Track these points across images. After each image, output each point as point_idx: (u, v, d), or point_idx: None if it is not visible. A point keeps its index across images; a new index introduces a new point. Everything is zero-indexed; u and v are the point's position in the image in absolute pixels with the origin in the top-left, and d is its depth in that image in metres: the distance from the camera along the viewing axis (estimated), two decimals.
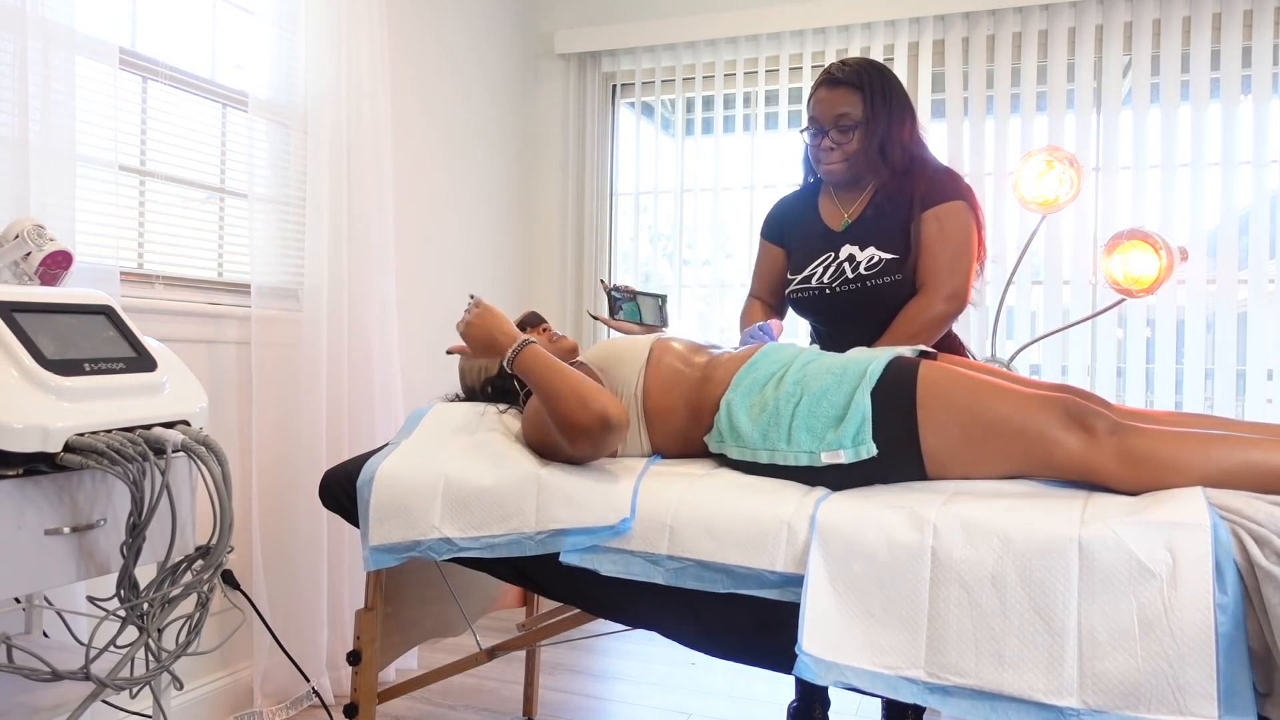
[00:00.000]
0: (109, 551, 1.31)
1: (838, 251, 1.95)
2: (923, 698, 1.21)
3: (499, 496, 1.53)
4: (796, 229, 2.06)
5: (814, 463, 1.45)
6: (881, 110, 1.90)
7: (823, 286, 1.95)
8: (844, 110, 1.90)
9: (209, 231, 2.29)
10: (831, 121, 1.91)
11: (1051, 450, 1.36)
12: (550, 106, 3.62)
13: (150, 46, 2.11)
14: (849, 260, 1.93)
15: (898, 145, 1.91)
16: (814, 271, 1.96)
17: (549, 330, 1.92)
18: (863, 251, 1.92)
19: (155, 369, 1.35)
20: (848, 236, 1.95)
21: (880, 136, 1.90)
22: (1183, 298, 2.81)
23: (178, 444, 1.27)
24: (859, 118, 1.90)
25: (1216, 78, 2.81)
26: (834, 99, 1.91)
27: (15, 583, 1.19)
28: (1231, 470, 1.29)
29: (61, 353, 1.23)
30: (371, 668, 1.75)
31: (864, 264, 1.91)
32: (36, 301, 1.26)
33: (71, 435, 1.18)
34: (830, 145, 1.92)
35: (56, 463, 1.19)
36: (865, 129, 1.90)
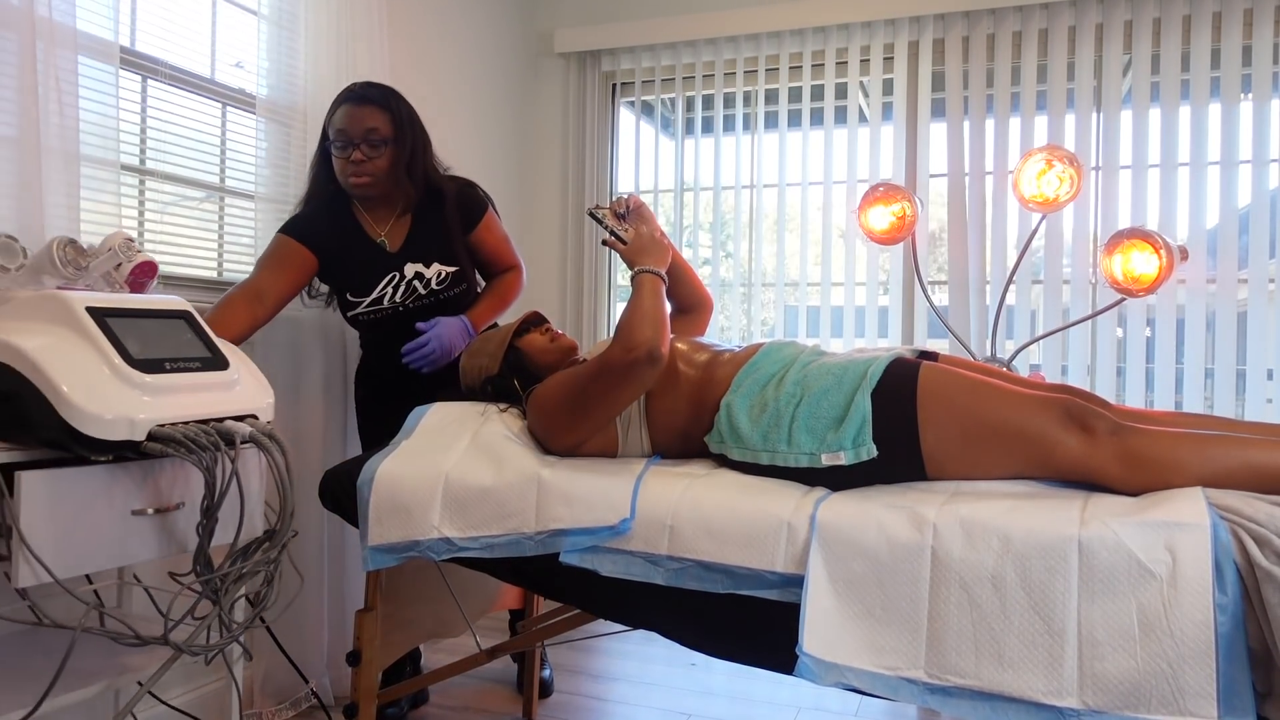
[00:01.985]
0: (186, 531, 1.46)
1: (402, 271, 2.07)
2: (923, 698, 1.21)
3: (499, 496, 1.53)
4: (344, 248, 2.07)
5: (814, 464, 1.45)
6: (407, 131, 2.01)
7: (396, 305, 2.08)
8: (373, 125, 1.97)
9: (209, 231, 2.28)
10: (361, 135, 1.97)
11: (1052, 451, 1.36)
12: (550, 106, 3.61)
13: (150, 46, 2.10)
14: (418, 278, 2.07)
15: (421, 166, 2.05)
16: (384, 293, 2.07)
17: (550, 330, 1.93)
18: (429, 268, 2.07)
19: (227, 368, 1.49)
20: (407, 256, 2.07)
21: (407, 156, 2.01)
22: (1183, 297, 2.81)
23: (245, 435, 1.39)
24: (388, 135, 1.99)
25: (1216, 77, 2.81)
26: (362, 114, 1.97)
27: (107, 557, 1.34)
28: (1231, 470, 1.29)
29: (145, 352, 1.38)
30: (371, 668, 1.75)
31: (434, 279, 2.07)
32: (125, 307, 1.41)
33: (154, 426, 1.32)
34: (361, 158, 1.98)
35: (141, 450, 1.32)
36: (394, 147, 2.00)
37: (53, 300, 1.35)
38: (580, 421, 1.58)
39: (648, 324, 1.51)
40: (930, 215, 3.08)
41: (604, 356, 1.53)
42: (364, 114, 1.97)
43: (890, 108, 3.14)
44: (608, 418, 1.59)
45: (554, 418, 1.61)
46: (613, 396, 1.54)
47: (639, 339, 1.50)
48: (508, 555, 1.52)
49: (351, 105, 1.98)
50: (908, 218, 2.55)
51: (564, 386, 1.61)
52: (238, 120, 2.34)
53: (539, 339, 1.91)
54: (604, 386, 1.54)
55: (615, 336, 1.53)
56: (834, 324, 3.16)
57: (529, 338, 1.91)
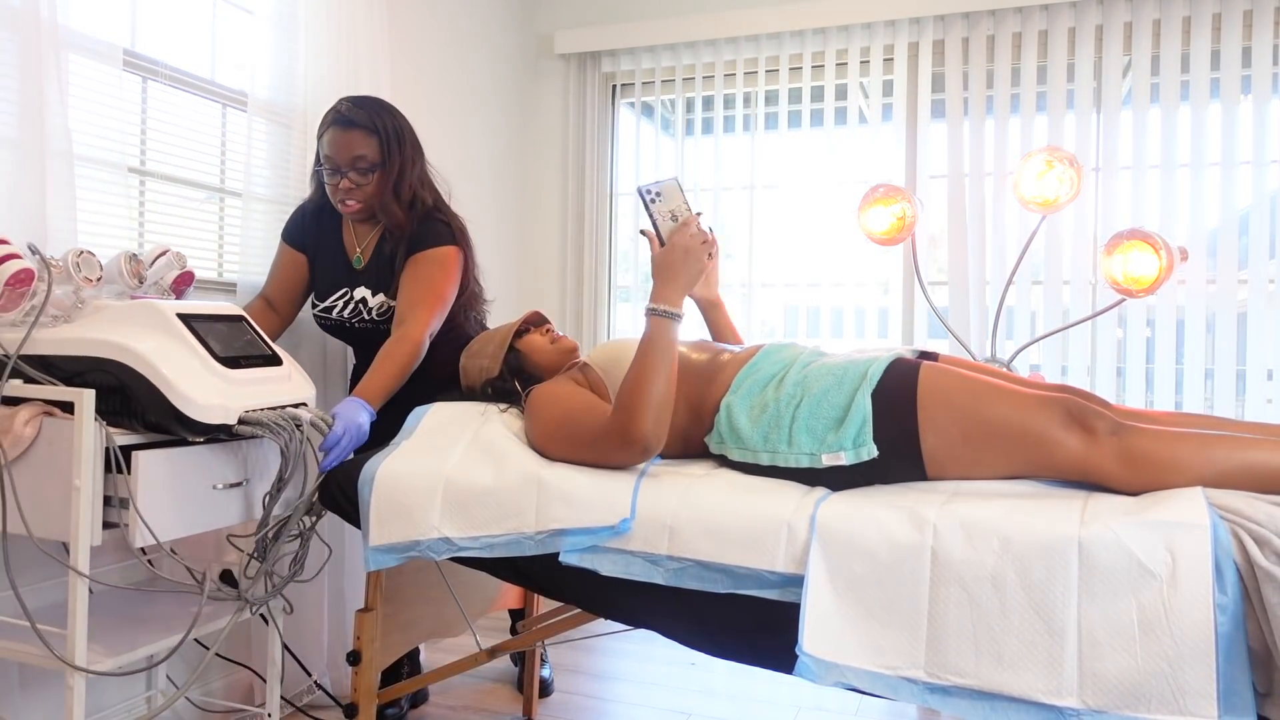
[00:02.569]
0: (254, 502, 1.72)
1: (353, 290, 2.07)
2: (923, 698, 1.21)
3: (499, 496, 1.53)
4: (321, 251, 2.12)
5: (815, 464, 1.45)
6: (396, 154, 1.97)
7: (343, 320, 2.11)
8: (361, 153, 1.94)
9: (209, 231, 2.28)
10: (349, 164, 1.95)
11: (1052, 451, 1.36)
12: (550, 106, 3.62)
13: (150, 46, 2.11)
14: (363, 302, 2.07)
15: (408, 188, 2.00)
16: (334, 304, 2.10)
17: (551, 331, 1.93)
18: (374, 297, 2.06)
19: (282, 364, 1.73)
20: (363, 278, 2.07)
21: (394, 179, 1.97)
22: (1183, 298, 2.81)
23: (309, 419, 1.65)
24: (375, 160, 1.96)
25: (1216, 78, 2.81)
26: (350, 141, 1.94)
27: (196, 523, 1.60)
28: (1231, 470, 1.29)
29: (225, 351, 1.62)
30: (371, 668, 1.76)
31: (375, 309, 2.07)
32: (202, 313, 1.65)
33: (243, 412, 1.57)
34: (350, 186, 1.96)
35: (233, 432, 1.56)
36: (382, 171, 1.97)
37: (148, 308, 1.59)
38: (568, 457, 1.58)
39: (650, 414, 1.47)
40: (930, 216, 3.09)
41: (604, 430, 1.51)
42: (351, 140, 1.94)
43: (890, 109, 3.14)
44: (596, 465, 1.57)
45: (544, 443, 1.61)
46: (601, 459, 1.53)
47: (638, 432, 1.47)
48: (508, 555, 1.52)
49: (338, 130, 1.95)
50: (907, 218, 2.55)
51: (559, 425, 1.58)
52: (238, 121, 2.34)
53: (539, 340, 1.90)
54: (595, 452, 1.53)
55: (617, 409, 1.50)
56: (834, 324, 3.16)
57: (529, 339, 1.90)
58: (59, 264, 1.59)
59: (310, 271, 2.15)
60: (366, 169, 1.96)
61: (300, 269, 2.14)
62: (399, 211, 1.99)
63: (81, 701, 1.47)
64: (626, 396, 1.49)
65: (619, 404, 1.50)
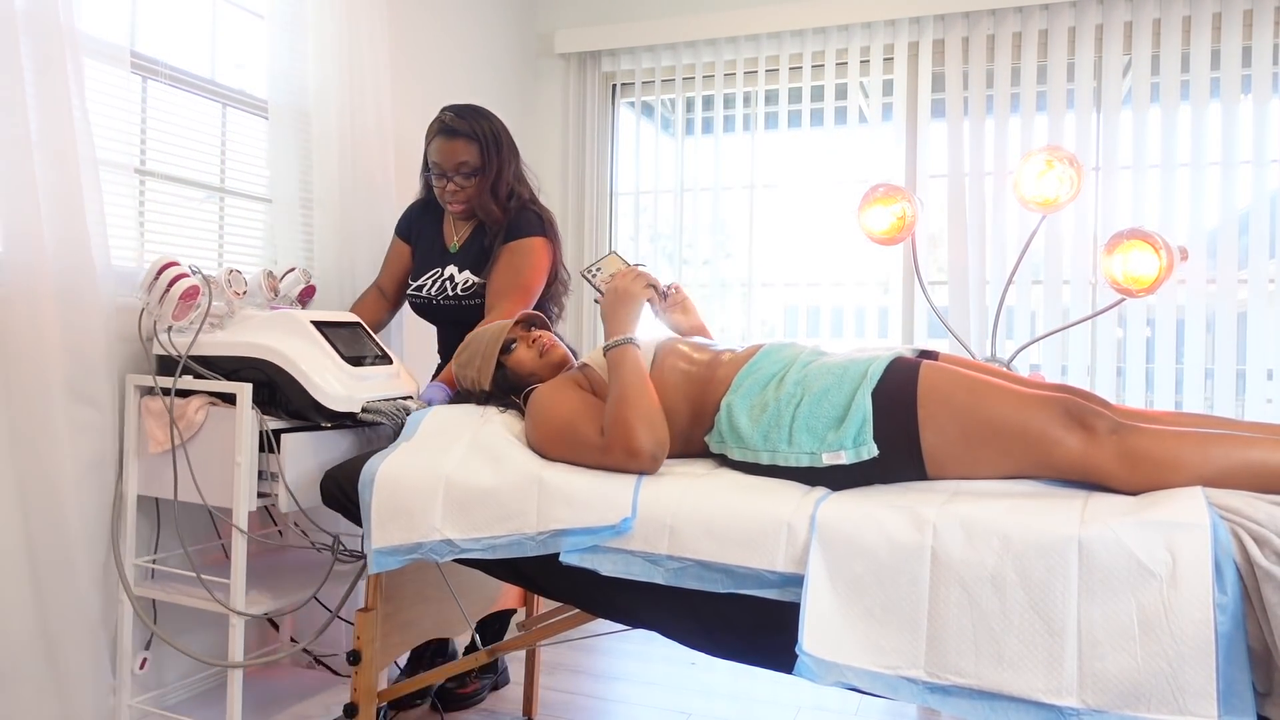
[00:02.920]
0: None
1: (444, 269, 2.27)
2: (923, 698, 1.21)
3: (500, 497, 1.53)
4: (422, 238, 2.35)
5: (815, 463, 1.45)
6: (494, 158, 2.19)
7: (430, 298, 2.29)
8: (464, 159, 2.16)
9: (209, 231, 2.29)
10: (454, 169, 2.17)
11: (1052, 449, 1.36)
12: (550, 106, 3.62)
13: (150, 46, 2.11)
14: (450, 280, 2.26)
15: (505, 185, 2.22)
16: (425, 283, 2.29)
17: (540, 340, 1.87)
18: (461, 274, 2.25)
19: (392, 362, 2.00)
20: (455, 258, 2.28)
21: (493, 180, 2.19)
22: (1183, 298, 2.81)
23: (413, 409, 1.86)
24: (477, 165, 2.18)
25: (1216, 77, 2.81)
26: (454, 148, 2.16)
27: None
28: (1231, 469, 1.29)
29: (348, 351, 1.90)
30: (371, 668, 1.76)
31: (460, 285, 2.25)
32: (329, 320, 1.95)
33: (364, 402, 1.84)
34: (455, 188, 2.19)
35: (357, 419, 1.84)
36: (482, 175, 2.19)
37: (289, 318, 1.88)
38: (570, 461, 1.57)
39: (643, 425, 1.50)
40: (930, 216, 3.09)
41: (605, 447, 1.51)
42: (455, 148, 2.16)
43: (890, 108, 3.14)
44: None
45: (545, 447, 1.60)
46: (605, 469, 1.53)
47: (637, 445, 1.49)
48: (509, 556, 1.52)
49: (443, 139, 2.16)
50: (907, 218, 2.55)
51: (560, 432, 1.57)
52: (238, 121, 2.34)
53: (526, 355, 1.85)
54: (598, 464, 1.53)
55: (611, 428, 1.51)
56: (834, 324, 3.16)
57: (516, 355, 1.85)
58: (216, 280, 1.91)
59: (411, 258, 2.37)
60: (469, 173, 2.18)
61: (405, 258, 2.37)
62: (496, 209, 2.20)
63: (241, 639, 1.79)
64: (617, 413, 1.51)
65: (612, 421, 1.51)
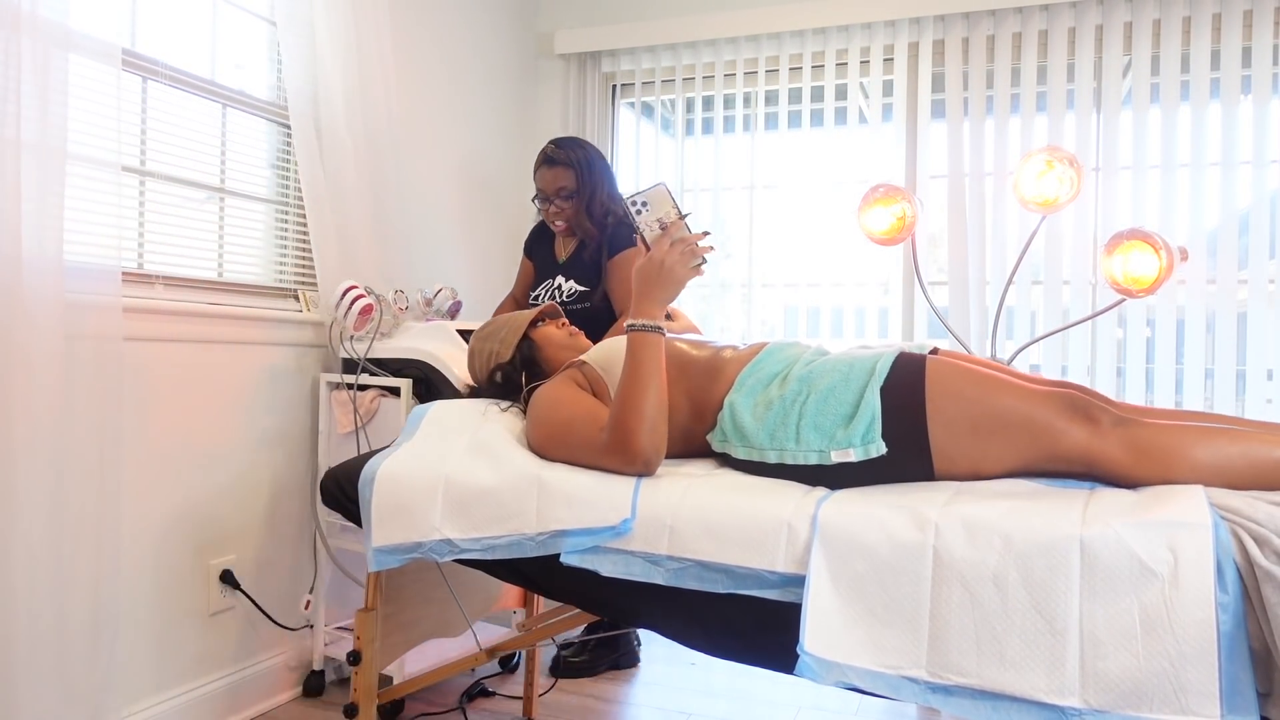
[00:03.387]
0: None
1: (555, 279, 2.58)
2: (924, 697, 1.21)
3: (500, 497, 1.52)
4: (539, 254, 2.69)
5: (824, 461, 1.45)
6: (588, 181, 2.48)
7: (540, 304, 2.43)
8: (562, 184, 2.48)
9: (209, 231, 2.28)
10: (554, 193, 2.48)
11: (1058, 440, 1.36)
12: (550, 106, 3.61)
13: (150, 46, 2.10)
14: (559, 288, 2.56)
15: (600, 206, 2.50)
16: (539, 293, 2.60)
17: (567, 325, 1.92)
18: (567, 283, 2.55)
19: None
20: (562, 269, 2.58)
21: (588, 200, 2.48)
22: (1183, 298, 2.81)
23: None
24: (573, 188, 2.48)
25: (1216, 78, 2.81)
26: (554, 176, 2.47)
27: None
28: (1233, 462, 1.29)
29: None
30: (371, 668, 1.75)
31: (566, 293, 2.54)
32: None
33: None
34: (556, 210, 2.50)
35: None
36: (578, 197, 2.48)
37: (439, 327, 2.35)
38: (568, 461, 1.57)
39: (645, 430, 1.47)
40: (930, 216, 3.08)
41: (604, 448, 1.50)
42: (555, 175, 2.48)
43: (890, 109, 3.14)
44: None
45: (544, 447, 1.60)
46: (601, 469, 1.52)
47: (636, 450, 1.47)
48: (509, 556, 1.51)
49: (545, 169, 2.49)
50: (907, 218, 2.55)
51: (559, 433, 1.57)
52: (238, 121, 2.34)
53: (556, 332, 1.89)
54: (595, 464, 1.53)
55: (613, 429, 1.49)
56: (834, 324, 3.16)
57: (545, 330, 1.88)
58: (385, 299, 2.41)
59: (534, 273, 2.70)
60: (567, 195, 2.48)
61: (529, 273, 2.73)
62: (592, 227, 2.50)
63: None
64: (620, 415, 1.49)
65: (614, 423, 1.49)
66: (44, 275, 1.70)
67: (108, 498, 1.84)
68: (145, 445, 2.05)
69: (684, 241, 1.52)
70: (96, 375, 1.83)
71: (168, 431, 2.10)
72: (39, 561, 1.69)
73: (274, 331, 2.36)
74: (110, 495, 1.84)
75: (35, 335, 1.68)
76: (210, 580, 2.22)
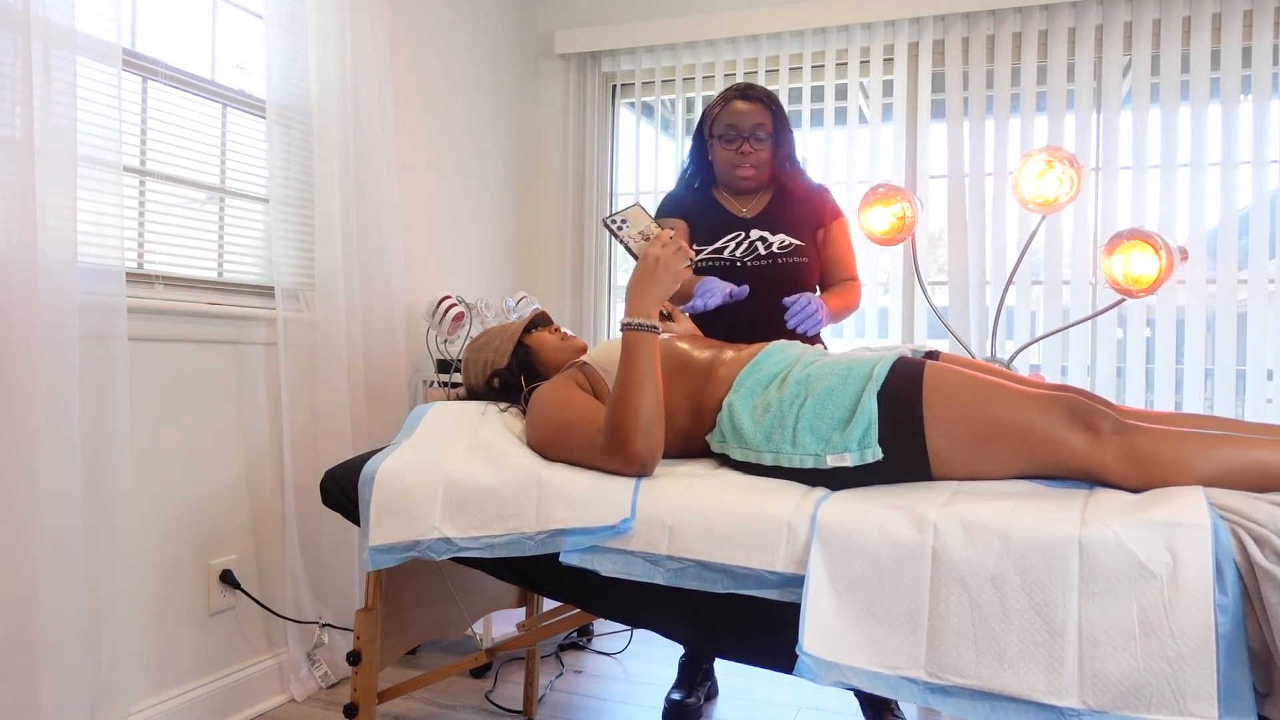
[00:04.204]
0: None
1: (748, 232, 2.22)
2: (923, 698, 1.21)
3: (499, 496, 1.52)
4: (701, 210, 2.29)
5: (819, 465, 1.45)
6: (784, 129, 2.22)
7: (734, 259, 2.21)
8: (760, 121, 2.18)
9: (209, 231, 2.29)
10: (750, 130, 2.18)
11: (1057, 448, 1.36)
12: (550, 106, 3.62)
13: (150, 46, 2.11)
14: (761, 240, 2.21)
15: (789, 160, 2.25)
16: (725, 245, 2.22)
17: (559, 329, 1.93)
18: (774, 235, 2.22)
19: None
20: (755, 223, 2.24)
21: (783, 151, 2.22)
22: (1183, 298, 2.81)
23: None
24: (770, 132, 2.19)
25: (1216, 78, 2.81)
26: (752, 111, 2.18)
27: None
28: (1233, 469, 1.29)
29: None
30: (371, 668, 1.75)
31: (776, 245, 2.21)
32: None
33: None
34: (749, 150, 2.18)
35: None
36: (773, 142, 2.20)
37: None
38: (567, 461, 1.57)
39: (641, 431, 1.48)
40: (930, 216, 3.08)
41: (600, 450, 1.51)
42: (753, 111, 2.17)
43: (890, 109, 3.14)
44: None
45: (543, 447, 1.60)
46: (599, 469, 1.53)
47: (632, 451, 1.47)
48: (508, 555, 1.51)
49: (742, 102, 2.18)
50: (908, 218, 2.55)
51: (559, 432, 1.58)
52: (238, 121, 2.34)
53: (549, 338, 1.90)
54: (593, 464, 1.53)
55: (608, 430, 1.50)
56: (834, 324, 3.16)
57: (539, 335, 1.89)
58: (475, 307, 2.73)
59: (690, 232, 2.29)
60: (763, 137, 2.18)
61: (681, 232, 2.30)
62: (784, 177, 2.24)
63: None
64: (615, 417, 1.49)
65: (609, 425, 1.49)
66: (58, 277, 1.72)
67: (108, 498, 1.84)
68: (145, 445, 2.05)
69: (673, 241, 1.59)
70: (100, 375, 1.84)
71: (168, 431, 2.11)
72: (40, 561, 1.69)
73: (274, 331, 2.36)
74: (111, 496, 1.85)
75: (50, 337, 1.69)
76: (210, 580, 2.22)
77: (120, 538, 1.88)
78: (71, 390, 1.73)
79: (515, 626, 2.34)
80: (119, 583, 1.88)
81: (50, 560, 1.70)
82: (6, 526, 1.64)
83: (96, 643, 1.83)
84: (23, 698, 1.67)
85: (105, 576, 1.85)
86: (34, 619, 1.68)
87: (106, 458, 1.85)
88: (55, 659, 1.71)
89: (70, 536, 1.73)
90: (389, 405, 2.65)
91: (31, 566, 1.67)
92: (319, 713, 2.33)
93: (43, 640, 1.69)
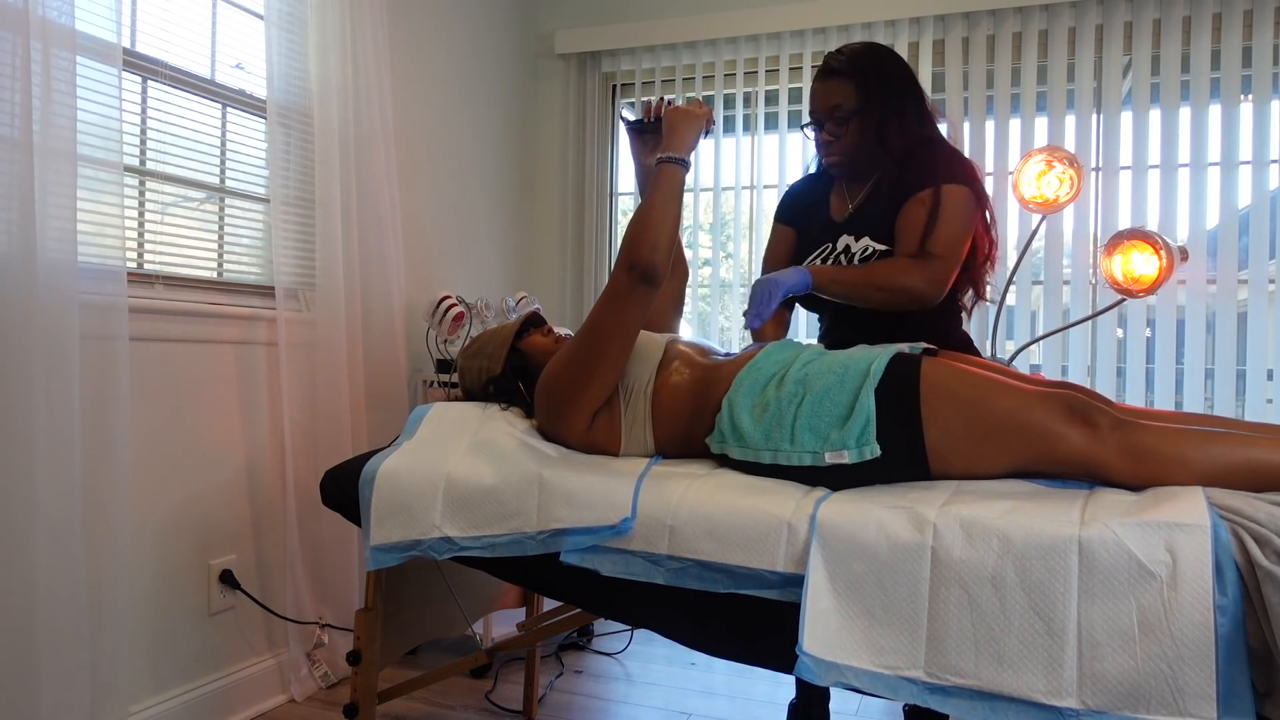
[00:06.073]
0: None
1: (835, 242, 1.90)
2: (922, 698, 1.21)
3: (500, 496, 1.53)
4: (806, 215, 2.02)
5: (818, 463, 1.45)
6: (877, 97, 1.82)
7: None
8: (837, 101, 1.83)
9: (209, 231, 2.29)
10: (826, 114, 1.86)
11: (1055, 445, 1.36)
12: (550, 106, 3.62)
13: (151, 46, 2.11)
14: (845, 251, 1.88)
15: (897, 131, 1.83)
16: (811, 263, 1.92)
17: (551, 331, 1.92)
18: (857, 242, 1.87)
19: None
20: (846, 227, 1.90)
21: (877, 124, 1.83)
22: (1183, 298, 2.81)
23: None
24: (853, 108, 1.83)
25: (1216, 78, 2.81)
26: (828, 90, 1.85)
27: None
28: (1233, 466, 1.29)
29: None
30: (371, 668, 1.76)
31: (858, 255, 1.86)
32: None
33: None
34: (828, 138, 1.87)
35: None
36: (860, 119, 1.83)
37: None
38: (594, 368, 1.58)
39: (651, 241, 1.53)
40: None
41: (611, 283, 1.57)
42: (829, 89, 1.84)
43: None
44: (621, 353, 1.58)
45: (565, 378, 1.60)
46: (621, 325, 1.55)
47: (642, 258, 1.52)
48: (509, 555, 1.51)
49: (817, 82, 1.87)
50: None
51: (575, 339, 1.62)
52: (238, 121, 2.34)
53: (542, 340, 1.88)
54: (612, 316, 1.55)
55: (624, 246, 1.56)
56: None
57: (532, 339, 1.88)
58: (475, 307, 2.76)
59: (796, 242, 2.03)
60: (843, 118, 1.84)
61: (788, 242, 2.04)
62: (885, 157, 1.85)
63: None
64: (633, 230, 1.55)
65: (628, 239, 1.55)
66: (59, 277, 1.72)
67: (108, 498, 1.84)
68: (145, 445, 2.05)
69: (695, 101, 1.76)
70: (100, 375, 1.84)
71: (168, 431, 2.11)
72: (40, 561, 1.69)
73: (274, 331, 2.36)
74: (111, 495, 1.85)
75: (50, 337, 1.69)
76: (210, 580, 2.22)
77: (120, 537, 1.88)
78: (71, 390, 1.73)
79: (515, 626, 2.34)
80: (119, 583, 1.87)
81: (50, 560, 1.70)
82: (7, 526, 1.64)
83: (96, 642, 1.82)
84: (23, 697, 1.67)
85: (105, 576, 1.85)
86: (34, 619, 1.68)
87: (106, 457, 1.85)
88: (55, 658, 1.71)
89: (70, 536, 1.73)
90: (389, 405, 2.65)
91: (31, 566, 1.67)
92: (319, 713, 2.33)
93: (43, 640, 1.69)
